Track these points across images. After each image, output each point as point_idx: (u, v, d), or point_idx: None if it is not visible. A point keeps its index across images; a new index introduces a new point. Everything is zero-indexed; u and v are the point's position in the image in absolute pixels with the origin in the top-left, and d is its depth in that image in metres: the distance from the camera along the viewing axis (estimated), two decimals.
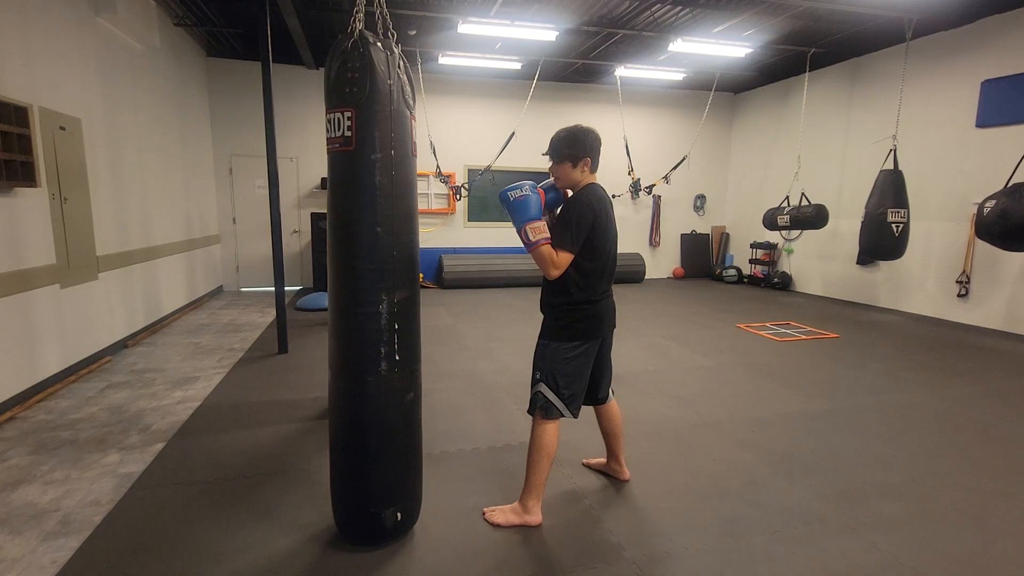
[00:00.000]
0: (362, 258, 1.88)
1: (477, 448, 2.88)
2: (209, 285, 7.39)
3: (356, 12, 1.87)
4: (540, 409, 2.15)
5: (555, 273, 2.04)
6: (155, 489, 2.44)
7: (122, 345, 4.72)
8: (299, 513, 2.25)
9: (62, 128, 3.88)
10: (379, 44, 1.85)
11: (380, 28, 2.00)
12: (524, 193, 2.04)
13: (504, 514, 2.20)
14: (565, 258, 2.04)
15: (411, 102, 1.96)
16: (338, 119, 1.83)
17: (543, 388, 2.15)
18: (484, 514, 2.23)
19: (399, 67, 1.89)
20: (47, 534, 2.09)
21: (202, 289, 7.05)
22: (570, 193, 2.21)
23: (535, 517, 2.19)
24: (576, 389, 2.18)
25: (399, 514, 2.01)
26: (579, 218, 2.06)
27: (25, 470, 2.59)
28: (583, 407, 2.28)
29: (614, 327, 2.29)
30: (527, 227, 2.02)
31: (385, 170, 1.86)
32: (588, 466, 2.68)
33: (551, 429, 2.15)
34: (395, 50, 1.89)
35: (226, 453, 2.79)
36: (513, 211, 2.05)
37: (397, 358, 1.94)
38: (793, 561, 1.99)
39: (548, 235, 2.04)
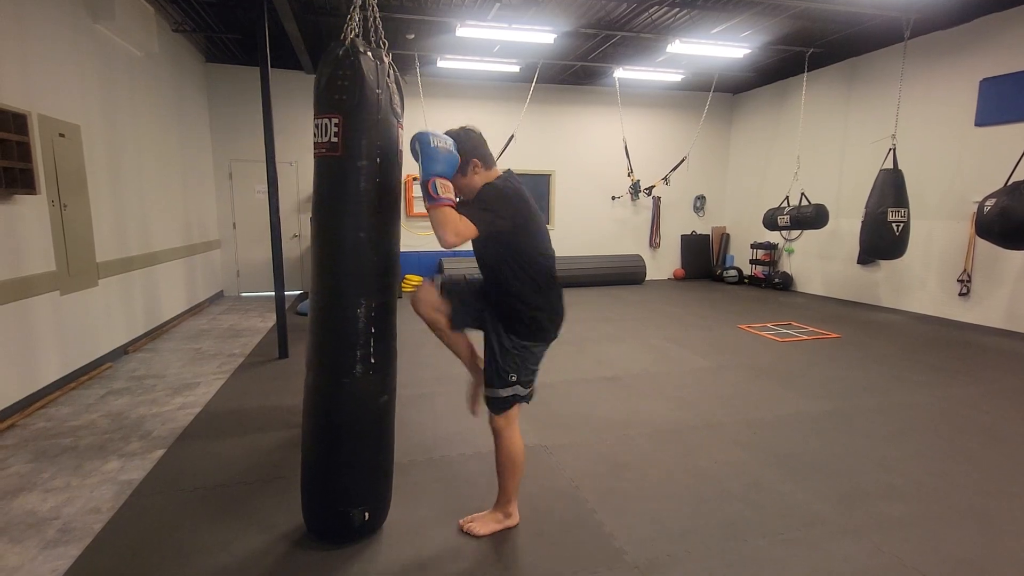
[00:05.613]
0: (344, 262, 1.92)
1: (478, 452, 2.87)
2: (209, 290, 7.39)
3: (349, 20, 1.90)
4: (510, 411, 2.06)
5: (453, 240, 1.78)
6: (155, 496, 2.43)
7: (122, 351, 4.72)
8: (303, 520, 2.24)
9: (61, 135, 3.89)
10: (370, 53, 1.88)
11: (372, 37, 2.02)
12: (447, 146, 1.83)
13: (486, 524, 2.16)
14: (469, 228, 1.81)
15: (399, 111, 2.00)
16: (326, 125, 1.86)
17: (519, 389, 2.05)
18: (462, 526, 2.17)
19: (389, 76, 1.92)
20: (47, 542, 2.08)
21: (202, 294, 7.05)
22: None
23: (515, 519, 2.20)
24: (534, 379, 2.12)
25: (367, 513, 2.03)
26: (498, 200, 1.89)
27: (25, 478, 2.58)
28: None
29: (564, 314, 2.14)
30: (436, 179, 1.79)
31: (370, 177, 1.89)
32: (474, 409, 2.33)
33: (517, 435, 2.10)
34: (385, 60, 1.92)
35: (227, 459, 2.79)
36: (426, 157, 1.79)
37: (372, 361, 1.97)
38: (796, 564, 1.98)
39: (455, 198, 1.83)
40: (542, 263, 2.02)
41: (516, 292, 1.99)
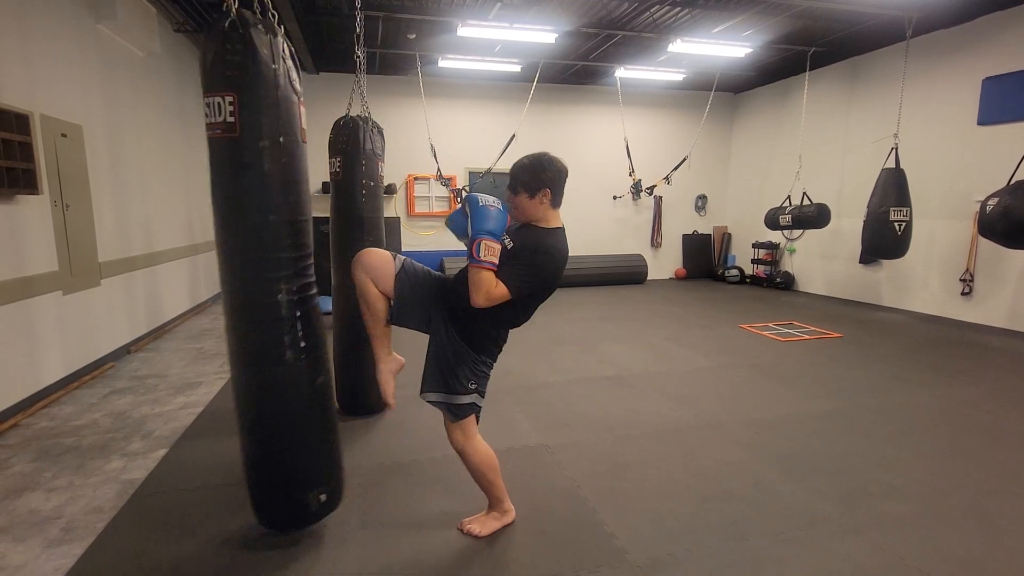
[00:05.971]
0: (257, 248, 1.83)
1: None
2: (211, 290, 7.40)
3: None
4: (471, 414, 2.05)
5: (482, 303, 1.80)
6: (158, 495, 2.44)
7: (125, 351, 4.73)
8: None
9: (63, 135, 3.90)
10: (260, 26, 1.76)
11: (257, 7, 1.85)
12: (495, 205, 1.83)
13: (486, 524, 2.16)
14: (501, 294, 1.82)
15: (298, 87, 1.89)
16: (218, 103, 1.73)
17: (477, 398, 2.04)
18: (462, 528, 2.17)
19: (283, 50, 1.81)
20: (50, 541, 2.09)
21: (204, 294, 7.05)
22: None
23: (511, 515, 2.21)
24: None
25: (323, 496, 2.01)
26: (540, 268, 1.89)
27: (28, 477, 2.59)
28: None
29: None
30: (483, 240, 1.78)
31: (275, 158, 1.80)
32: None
33: (480, 443, 2.08)
34: (278, 32, 1.82)
35: (229, 458, 2.78)
36: (476, 214, 1.80)
37: (303, 345, 1.92)
38: (798, 563, 1.98)
39: (496, 261, 1.82)
40: (531, 312, 2.02)
41: (493, 319, 1.95)
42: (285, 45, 1.83)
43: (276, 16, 1.87)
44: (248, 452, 1.99)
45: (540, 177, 1.93)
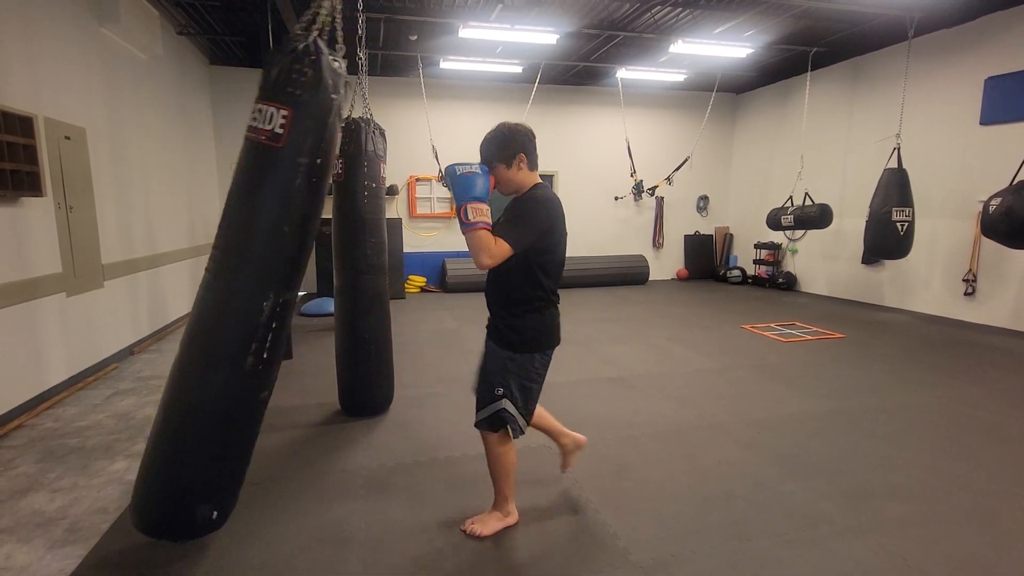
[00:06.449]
0: (263, 253, 1.86)
1: (481, 453, 2.85)
2: None
3: (316, 12, 1.86)
4: (505, 429, 2.03)
5: (488, 263, 1.83)
6: None
7: (128, 352, 4.74)
8: (307, 520, 2.25)
9: (67, 138, 3.92)
10: (331, 58, 1.87)
11: (325, 35, 1.95)
12: (473, 170, 1.88)
13: (488, 524, 2.17)
14: (504, 249, 1.84)
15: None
16: (271, 113, 1.80)
17: (507, 405, 2.00)
18: (465, 529, 2.16)
19: (343, 84, 1.91)
20: (54, 542, 2.10)
21: None
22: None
23: (514, 516, 2.21)
24: (535, 402, 2.09)
25: (215, 512, 1.95)
26: (530, 217, 1.93)
27: (33, 478, 2.60)
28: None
29: None
30: (469, 206, 1.83)
31: (307, 176, 1.86)
32: (564, 468, 2.51)
33: (508, 449, 2.08)
34: (343, 63, 1.93)
35: None
36: (457, 185, 1.86)
37: (265, 356, 1.91)
38: (800, 564, 1.98)
39: (489, 220, 1.87)
40: (549, 269, 2.00)
41: (517, 299, 1.99)
42: (344, 76, 1.93)
43: (343, 50, 1.98)
44: (160, 444, 1.90)
45: (510, 145, 1.98)
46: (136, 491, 1.94)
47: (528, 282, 1.98)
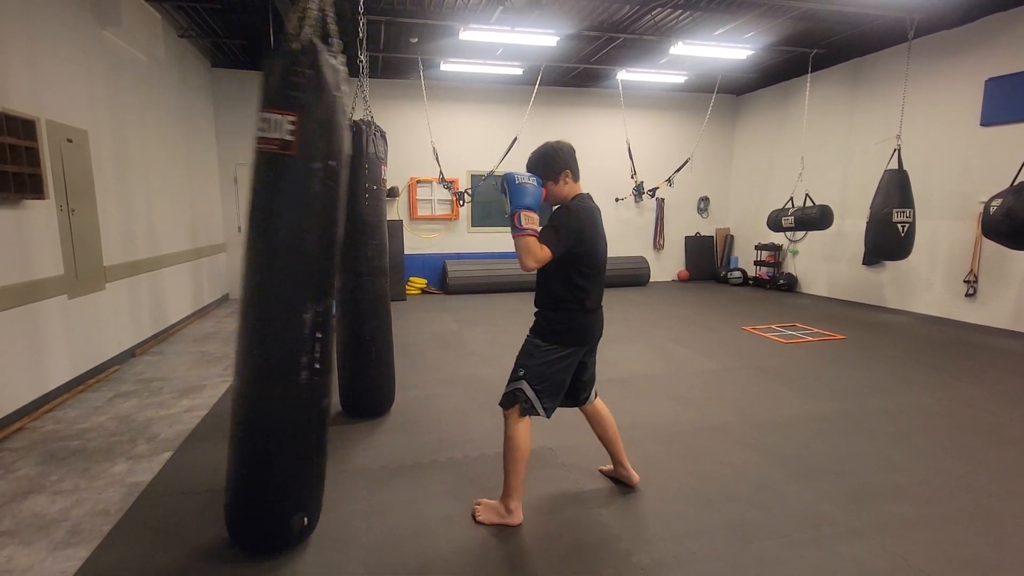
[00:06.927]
0: (293, 267, 1.85)
1: (483, 454, 2.88)
2: (215, 293, 7.43)
3: (304, 11, 1.82)
4: (518, 405, 2.16)
5: (532, 265, 2.04)
6: (163, 498, 2.45)
7: (130, 354, 4.74)
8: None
9: (69, 140, 3.92)
10: (328, 55, 1.86)
11: (318, 32, 1.90)
12: (530, 181, 2.08)
13: (488, 513, 2.24)
14: (545, 254, 2.04)
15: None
16: (277, 120, 1.78)
17: (524, 386, 2.16)
18: (474, 507, 2.29)
19: (343, 80, 1.90)
20: (56, 544, 2.10)
21: (208, 298, 7.08)
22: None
23: (516, 517, 2.22)
24: (556, 391, 2.22)
25: (306, 519, 2.00)
26: (567, 225, 2.11)
27: (34, 480, 2.60)
28: (568, 408, 2.41)
29: (600, 336, 2.32)
30: (522, 212, 2.03)
31: (324, 180, 1.86)
32: (603, 473, 2.68)
33: (524, 427, 2.17)
34: (340, 59, 1.91)
35: None
36: (514, 193, 2.05)
37: (317, 367, 1.92)
38: (803, 565, 1.98)
39: (537, 228, 2.05)
40: (586, 272, 2.16)
41: (556, 297, 2.17)
42: (343, 73, 1.92)
43: (339, 46, 1.96)
44: (240, 466, 1.94)
45: (557, 163, 2.18)
46: (231, 512, 1.98)
47: (564, 283, 2.15)
